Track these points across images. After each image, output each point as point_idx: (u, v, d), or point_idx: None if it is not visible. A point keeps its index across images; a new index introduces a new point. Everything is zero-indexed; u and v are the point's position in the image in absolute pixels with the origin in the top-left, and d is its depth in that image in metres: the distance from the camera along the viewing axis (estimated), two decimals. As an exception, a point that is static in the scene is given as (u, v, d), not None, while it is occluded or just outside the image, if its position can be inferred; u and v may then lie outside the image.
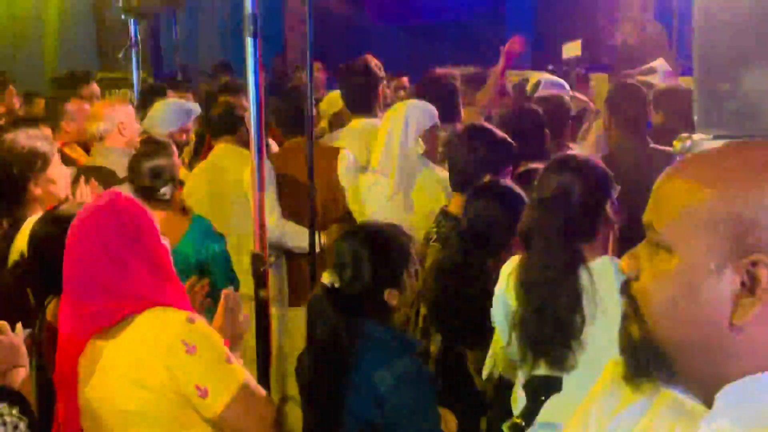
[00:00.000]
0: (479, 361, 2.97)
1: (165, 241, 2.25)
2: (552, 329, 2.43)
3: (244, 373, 2.16)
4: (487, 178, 3.35)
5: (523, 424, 2.55)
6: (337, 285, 2.43)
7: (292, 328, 4.16)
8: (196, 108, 5.43)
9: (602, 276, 2.43)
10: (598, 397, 1.26)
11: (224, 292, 2.45)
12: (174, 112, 5.23)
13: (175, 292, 2.21)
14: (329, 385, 2.41)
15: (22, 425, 2.13)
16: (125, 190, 3.65)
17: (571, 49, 6.33)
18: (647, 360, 1.10)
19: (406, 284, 2.50)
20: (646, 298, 1.10)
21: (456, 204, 3.41)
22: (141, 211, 2.22)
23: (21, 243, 2.96)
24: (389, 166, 3.99)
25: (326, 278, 2.47)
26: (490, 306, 2.72)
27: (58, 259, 2.20)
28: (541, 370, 2.49)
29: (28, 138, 3.25)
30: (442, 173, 3.90)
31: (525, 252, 2.55)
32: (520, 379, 2.59)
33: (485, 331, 2.84)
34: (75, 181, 3.81)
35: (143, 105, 5.72)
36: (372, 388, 2.36)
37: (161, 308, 2.14)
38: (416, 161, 4.00)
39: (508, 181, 3.25)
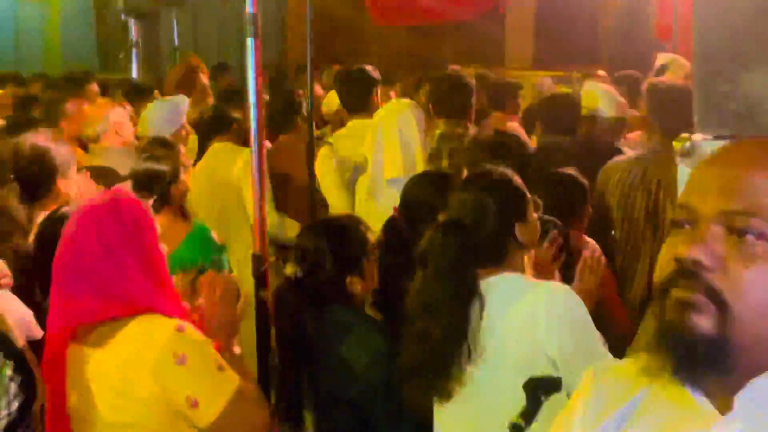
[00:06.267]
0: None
1: (162, 247, 2.21)
2: (428, 358, 2.23)
3: (237, 380, 2.09)
4: None
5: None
6: (300, 275, 2.49)
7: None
8: (185, 100, 5.37)
9: (497, 301, 2.23)
10: (580, 406, 1.21)
11: (200, 278, 2.38)
12: (169, 113, 5.14)
13: (168, 298, 2.15)
14: (293, 373, 2.48)
15: (12, 385, 2.11)
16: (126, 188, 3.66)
17: None
18: (710, 354, 1.01)
19: (367, 271, 2.55)
20: (741, 292, 1.01)
21: None
22: (143, 212, 2.18)
23: None
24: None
25: (289, 270, 2.52)
26: None
27: None
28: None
29: (47, 139, 3.37)
30: None
31: (421, 274, 2.30)
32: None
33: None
34: None
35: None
36: (347, 368, 2.43)
37: (150, 316, 2.07)
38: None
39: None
